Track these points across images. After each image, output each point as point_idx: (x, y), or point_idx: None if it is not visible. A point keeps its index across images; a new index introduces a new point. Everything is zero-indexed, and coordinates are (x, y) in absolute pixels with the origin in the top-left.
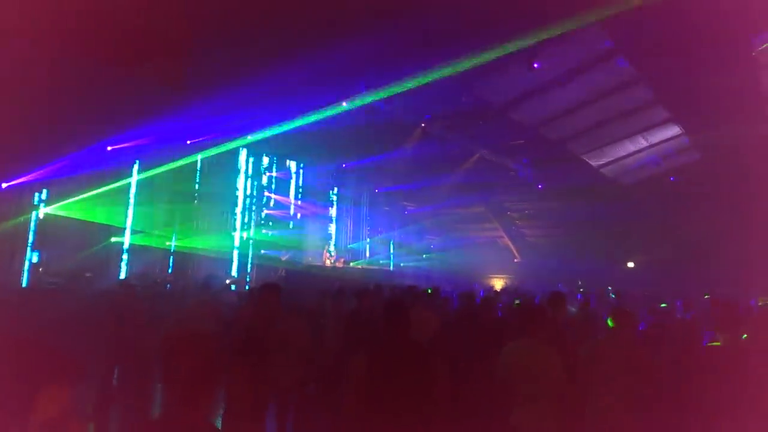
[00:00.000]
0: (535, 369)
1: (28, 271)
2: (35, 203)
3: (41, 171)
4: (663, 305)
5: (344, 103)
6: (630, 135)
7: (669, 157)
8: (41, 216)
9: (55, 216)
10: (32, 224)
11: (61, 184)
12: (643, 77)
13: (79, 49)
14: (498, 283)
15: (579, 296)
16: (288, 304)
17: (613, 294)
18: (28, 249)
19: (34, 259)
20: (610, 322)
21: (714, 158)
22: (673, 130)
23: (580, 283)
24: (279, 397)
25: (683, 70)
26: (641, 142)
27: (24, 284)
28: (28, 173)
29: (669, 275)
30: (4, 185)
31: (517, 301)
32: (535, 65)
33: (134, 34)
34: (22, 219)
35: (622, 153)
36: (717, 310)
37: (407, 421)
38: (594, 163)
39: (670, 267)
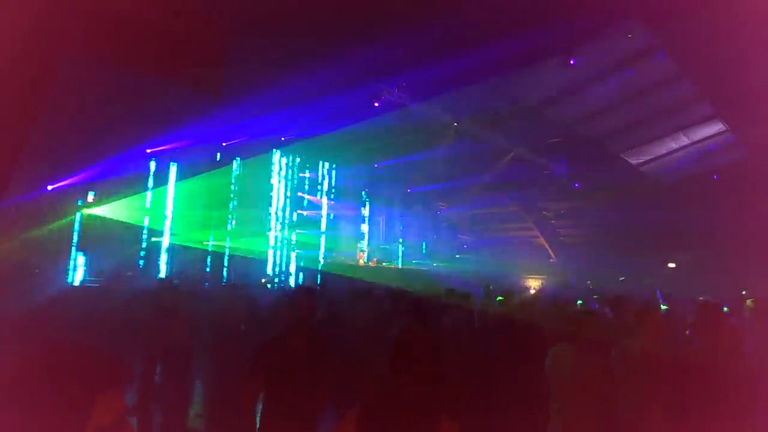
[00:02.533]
0: (580, 375)
1: (74, 270)
2: (79, 204)
3: (84, 174)
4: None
5: (376, 103)
6: (671, 132)
7: (712, 155)
8: (85, 217)
9: (98, 217)
10: (76, 225)
11: (103, 186)
12: (685, 72)
13: (120, 56)
14: (534, 283)
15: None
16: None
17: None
18: (73, 249)
19: (79, 259)
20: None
21: (760, 156)
22: (717, 127)
23: (621, 282)
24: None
25: (727, 64)
26: (683, 140)
27: (70, 282)
28: (72, 175)
29: (711, 275)
30: (49, 187)
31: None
32: (572, 62)
33: (172, 41)
34: (66, 220)
35: (663, 151)
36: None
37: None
38: (633, 161)
39: (711, 267)
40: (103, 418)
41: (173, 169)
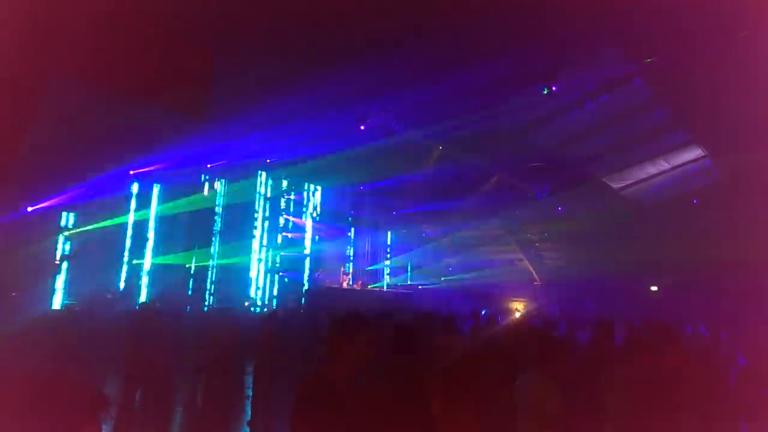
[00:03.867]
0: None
1: (53, 292)
2: (60, 226)
3: (65, 195)
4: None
5: (362, 127)
6: (652, 157)
7: (692, 180)
8: (65, 239)
9: (79, 239)
10: (57, 247)
11: (84, 208)
12: (665, 98)
13: (103, 76)
14: (519, 306)
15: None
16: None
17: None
18: (52, 271)
19: (59, 282)
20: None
21: (738, 181)
22: (696, 152)
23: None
24: None
25: (706, 90)
26: (663, 165)
27: (51, 306)
28: (53, 197)
29: (693, 298)
30: (29, 209)
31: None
32: (554, 88)
33: (155, 63)
34: (46, 242)
35: (644, 175)
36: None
37: None
38: (615, 185)
39: (693, 290)
40: None
41: (156, 190)
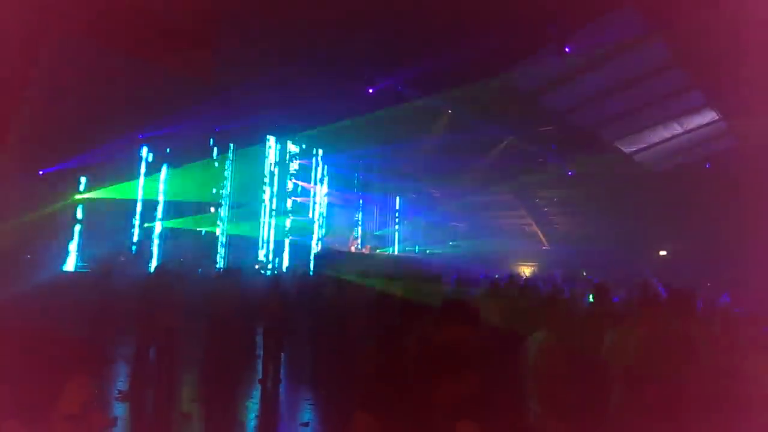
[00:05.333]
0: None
1: (66, 255)
2: (71, 190)
3: (76, 159)
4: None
5: (370, 90)
6: (664, 121)
7: (705, 144)
8: (77, 202)
9: (91, 202)
10: (68, 210)
11: (95, 172)
12: (678, 61)
13: (110, 41)
14: (526, 270)
15: None
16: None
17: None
18: (64, 234)
19: (71, 245)
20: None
21: (753, 145)
22: (709, 116)
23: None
24: None
25: (720, 53)
26: (676, 128)
27: (63, 269)
28: (64, 161)
29: (701, 264)
30: (41, 172)
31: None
32: (567, 49)
33: (164, 26)
34: (58, 205)
35: (656, 139)
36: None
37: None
38: (626, 149)
39: (703, 256)
40: (71, 406)
41: (166, 154)
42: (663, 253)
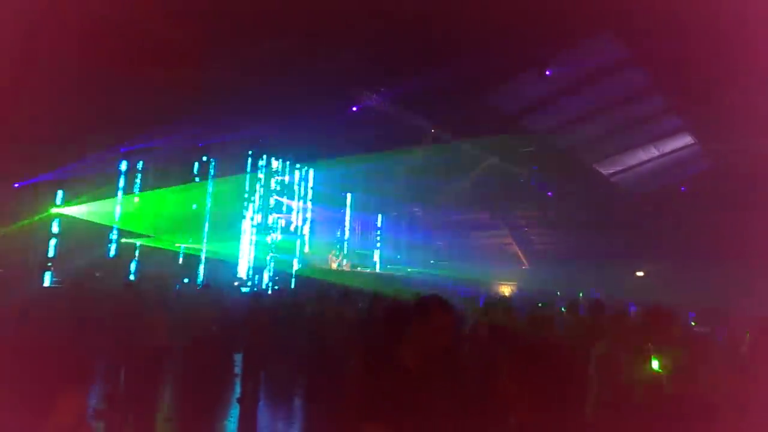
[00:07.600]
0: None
1: (40, 270)
2: (47, 204)
3: (54, 173)
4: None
5: (354, 108)
6: (641, 144)
7: (680, 167)
8: (54, 216)
9: (67, 217)
10: (44, 225)
11: (73, 186)
12: (656, 86)
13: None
14: (506, 290)
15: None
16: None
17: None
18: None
19: (46, 260)
20: None
21: (726, 168)
22: (685, 140)
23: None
24: None
25: (696, 78)
26: (652, 151)
27: (42, 284)
28: (41, 175)
29: (679, 285)
30: (16, 185)
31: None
32: (548, 73)
33: (147, 40)
34: (34, 219)
35: (633, 162)
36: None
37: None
38: (604, 171)
39: (679, 276)
40: (64, 418)
41: (146, 169)
42: (640, 273)
